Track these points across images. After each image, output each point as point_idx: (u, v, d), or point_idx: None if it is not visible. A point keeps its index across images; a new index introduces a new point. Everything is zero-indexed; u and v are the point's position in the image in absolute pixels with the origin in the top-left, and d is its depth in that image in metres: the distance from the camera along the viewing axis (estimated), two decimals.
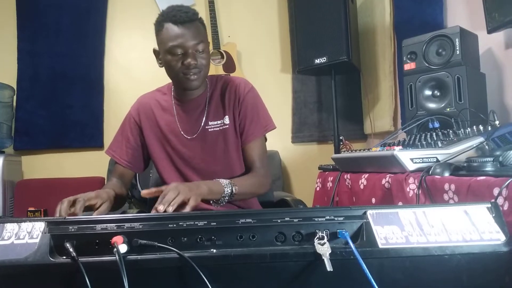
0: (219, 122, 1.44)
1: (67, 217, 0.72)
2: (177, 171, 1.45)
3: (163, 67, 1.37)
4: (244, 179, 1.35)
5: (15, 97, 2.97)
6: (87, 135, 3.04)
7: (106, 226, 0.70)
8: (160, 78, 1.64)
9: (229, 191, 1.25)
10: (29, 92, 3.00)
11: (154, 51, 1.39)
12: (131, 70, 3.11)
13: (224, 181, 1.26)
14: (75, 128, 3.03)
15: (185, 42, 1.28)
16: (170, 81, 1.50)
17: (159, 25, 1.32)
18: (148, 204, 1.72)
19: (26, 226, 0.71)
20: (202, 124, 1.43)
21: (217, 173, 1.43)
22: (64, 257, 0.68)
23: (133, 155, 1.46)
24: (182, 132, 1.43)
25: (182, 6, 1.33)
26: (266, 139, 1.51)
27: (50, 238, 0.69)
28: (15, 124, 2.98)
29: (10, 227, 0.71)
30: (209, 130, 1.43)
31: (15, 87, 2.97)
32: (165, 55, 1.31)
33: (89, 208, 1.09)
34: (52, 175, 2.96)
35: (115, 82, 3.11)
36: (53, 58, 3.03)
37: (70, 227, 0.70)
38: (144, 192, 1.12)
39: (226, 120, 1.44)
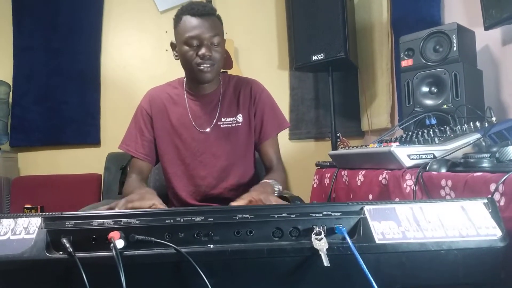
0: (231, 119, 1.46)
1: (63, 213, 0.72)
2: (183, 165, 1.46)
3: (178, 60, 1.40)
4: (277, 177, 1.35)
5: (11, 93, 2.96)
6: (83, 132, 3.03)
7: (103, 221, 0.70)
8: (157, 74, 1.65)
9: (277, 190, 1.26)
10: (25, 89, 2.99)
11: (172, 44, 1.42)
12: (128, 66, 3.10)
13: (271, 181, 1.27)
14: (71, 125, 3.02)
15: (201, 34, 1.30)
16: (177, 77, 1.51)
17: (177, 18, 1.35)
18: None
19: (23, 221, 0.71)
20: (216, 119, 1.45)
21: (224, 169, 1.45)
22: (61, 253, 0.68)
23: (149, 147, 1.46)
24: (195, 125, 1.44)
25: (202, 2, 1.37)
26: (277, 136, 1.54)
27: (46, 233, 0.69)
28: (11, 121, 2.97)
29: (7, 223, 0.70)
30: (222, 126, 1.45)
31: (11, 83, 2.95)
32: (181, 46, 1.34)
33: None
34: (48, 172, 2.96)
35: (111, 79, 3.10)
36: (49, 54, 3.02)
37: (66, 223, 0.70)
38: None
39: (239, 118, 1.46)
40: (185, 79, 1.49)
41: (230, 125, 1.45)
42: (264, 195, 1.08)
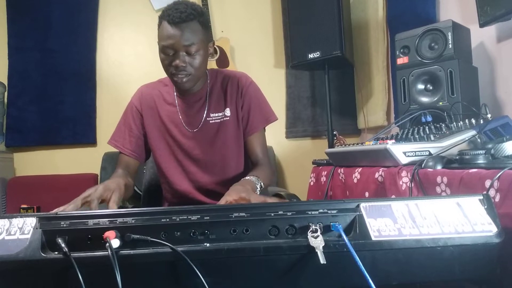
0: (220, 114, 1.46)
1: (59, 213, 0.72)
2: (176, 161, 1.47)
3: None
4: (261, 173, 1.34)
5: (6, 93, 2.94)
6: (79, 132, 3.02)
7: (98, 221, 0.70)
8: (153, 73, 1.64)
9: (259, 187, 1.25)
10: (20, 89, 2.97)
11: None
12: (123, 65, 3.09)
13: (253, 178, 1.26)
14: (67, 125, 3.01)
15: (175, 44, 1.27)
16: None
17: (159, 21, 1.32)
18: (142, 200, 1.71)
19: (17, 222, 0.70)
20: (204, 116, 1.45)
21: (215, 164, 1.45)
22: (56, 253, 0.67)
23: (136, 143, 1.46)
24: (184, 125, 1.45)
25: (182, 3, 1.29)
26: (264, 130, 1.53)
27: (41, 233, 0.68)
28: (7, 121, 2.95)
29: (1, 223, 0.70)
30: (210, 122, 1.45)
31: (6, 83, 2.94)
32: (159, 52, 1.32)
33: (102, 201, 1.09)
34: (44, 171, 2.94)
35: (107, 78, 3.08)
36: (44, 53, 3.00)
37: (62, 223, 0.70)
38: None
39: (227, 112, 1.46)
40: None
41: (219, 120, 1.45)
42: (245, 194, 1.08)
